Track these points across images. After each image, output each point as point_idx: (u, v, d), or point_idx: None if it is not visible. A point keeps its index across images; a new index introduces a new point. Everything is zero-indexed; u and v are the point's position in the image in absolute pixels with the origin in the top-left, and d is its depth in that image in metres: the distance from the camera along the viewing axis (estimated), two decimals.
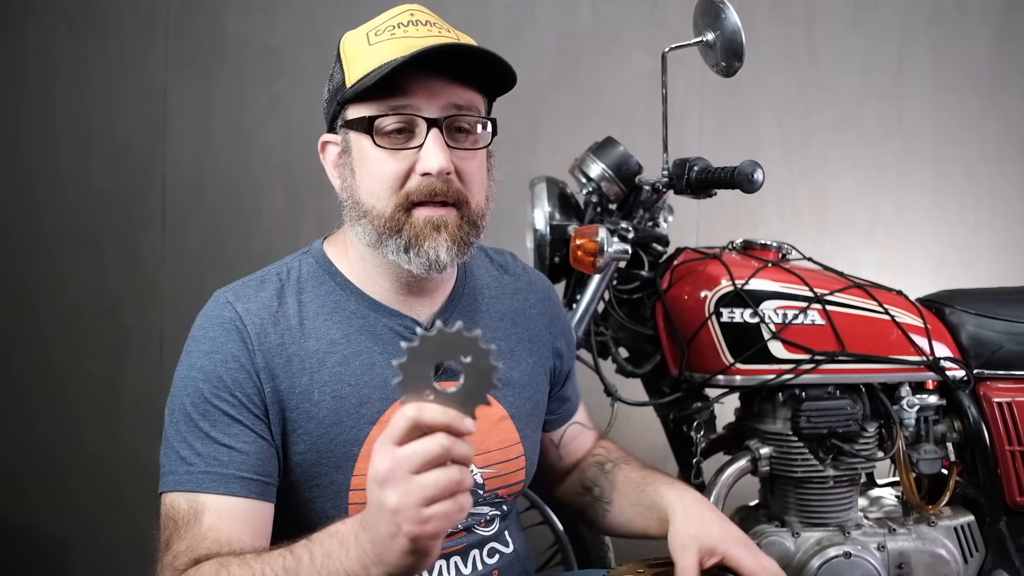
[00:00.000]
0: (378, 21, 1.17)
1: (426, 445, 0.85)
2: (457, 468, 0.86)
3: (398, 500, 0.85)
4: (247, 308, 1.17)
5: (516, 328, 1.33)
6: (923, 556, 1.77)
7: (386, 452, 0.87)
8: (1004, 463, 1.80)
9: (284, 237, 2.73)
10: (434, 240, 1.13)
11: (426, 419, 0.85)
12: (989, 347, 1.82)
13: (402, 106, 1.11)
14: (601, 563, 1.91)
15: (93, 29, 2.69)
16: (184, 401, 1.13)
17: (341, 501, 1.16)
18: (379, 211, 1.13)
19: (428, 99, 1.11)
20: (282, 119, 2.73)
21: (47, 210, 2.68)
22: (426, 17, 1.17)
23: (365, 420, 1.17)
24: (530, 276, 1.41)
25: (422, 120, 1.11)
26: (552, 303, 1.41)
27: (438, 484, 0.85)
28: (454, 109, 1.13)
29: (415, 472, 0.85)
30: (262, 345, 1.15)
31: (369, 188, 1.14)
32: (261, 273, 1.24)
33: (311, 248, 1.27)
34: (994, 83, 2.97)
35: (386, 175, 1.13)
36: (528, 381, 1.31)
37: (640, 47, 2.79)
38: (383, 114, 1.12)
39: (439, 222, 1.13)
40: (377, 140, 1.12)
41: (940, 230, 2.98)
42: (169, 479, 1.12)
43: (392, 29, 1.14)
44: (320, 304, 1.20)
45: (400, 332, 1.21)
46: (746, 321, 1.74)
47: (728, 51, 1.64)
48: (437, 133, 1.11)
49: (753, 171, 1.61)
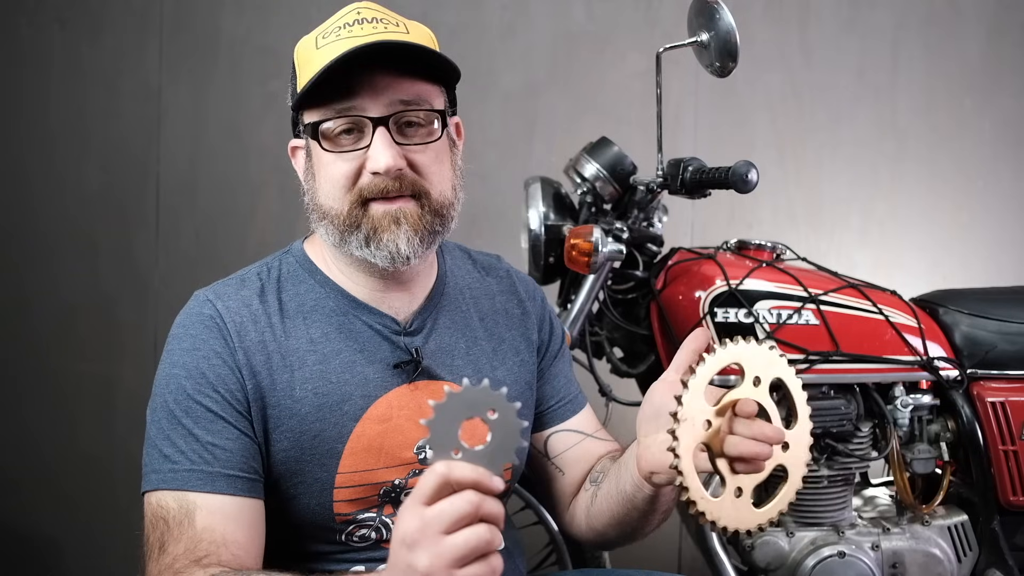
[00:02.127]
0: (327, 24, 1.17)
1: (455, 504, 0.82)
2: (487, 527, 0.83)
3: (429, 562, 0.82)
4: (227, 306, 1.17)
5: (499, 328, 1.32)
6: (917, 555, 1.78)
7: (414, 512, 0.84)
8: (997, 463, 1.80)
9: (278, 237, 2.72)
10: (393, 233, 1.13)
11: (456, 477, 0.82)
12: (983, 347, 1.82)
13: (347, 108, 1.12)
14: (595, 563, 1.91)
15: (86, 29, 2.69)
16: (167, 399, 1.13)
17: (327, 499, 1.16)
18: (337, 210, 1.14)
19: (373, 98, 1.12)
20: (276, 119, 2.72)
21: (41, 210, 2.68)
22: (373, 14, 1.16)
23: (348, 417, 1.17)
24: (515, 278, 1.39)
25: (367, 120, 1.12)
26: (538, 304, 1.39)
27: (468, 544, 0.82)
28: (400, 105, 1.13)
29: (445, 532, 0.82)
30: (243, 342, 1.15)
31: (325, 190, 1.16)
32: (241, 273, 1.24)
33: (291, 248, 1.28)
34: (988, 83, 2.98)
35: (338, 176, 1.14)
36: (513, 380, 1.30)
37: (635, 47, 2.79)
38: (327, 118, 1.13)
39: (397, 214, 1.14)
40: (324, 144, 1.13)
41: (934, 230, 2.98)
42: (153, 478, 1.11)
43: (338, 30, 1.14)
44: (300, 302, 1.21)
45: (379, 331, 1.21)
46: (740, 321, 1.74)
47: (722, 51, 1.64)
48: (383, 131, 1.11)
49: (747, 171, 1.61)
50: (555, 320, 1.41)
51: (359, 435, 1.16)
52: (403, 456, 1.19)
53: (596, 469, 1.30)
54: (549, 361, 1.38)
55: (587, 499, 1.29)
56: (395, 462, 1.19)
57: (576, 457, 1.35)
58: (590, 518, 1.28)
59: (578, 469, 1.34)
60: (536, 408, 1.36)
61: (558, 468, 1.35)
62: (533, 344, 1.35)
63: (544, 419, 1.37)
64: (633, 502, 1.17)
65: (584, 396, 1.41)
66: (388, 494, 1.19)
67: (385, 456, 1.18)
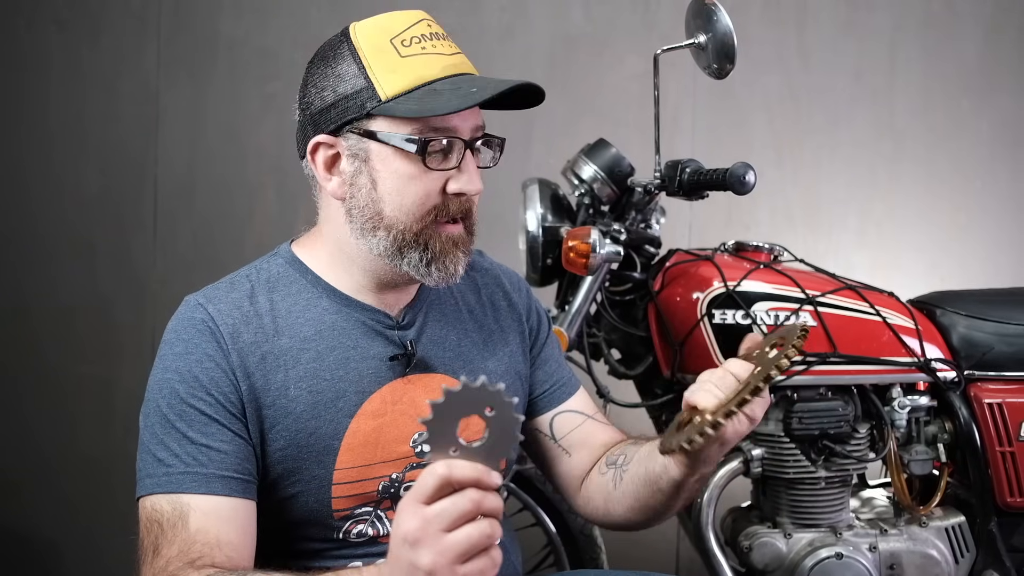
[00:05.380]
0: (396, 25, 1.15)
1: (456, 502, 0.84)
2: (488, 522, 0.85)
3: (432, 560, 0.84)
4: (219, 309, 1.17)
5: (487, 320, 1.33)
6: (914, 557, 1.78)
7: (414, 512, 0.86)
8: (995, 464, 1.81)
9: (276, 240, 2.66)
10: (455, 256, 1.17)
11: (456, 476, 0.84)
12: (980, 348, 1.83)
13: (444, 128, 1.13)
14: (593, 564, 1.91)
15: (85, 31, 2.69)
16: (160, 403, 1.13)
17: (325, 495, 1.17)
18: (406, 225, 1.15)
19: (462, 120, 1.14)
20: (275, 121, 2.72)
21: (39, 212, 2.68)
22: (437, 29, 1.17)
23: (343, 414, 1.17)
24: (499, 271, 1.41)
25: (461, 142, 1.14)
26: (523, 295, 1.40)
27: (470, 540, 0.84)
28: (480, 131, 1.17)
29: (447, 530, 0.84)
30: (236, 344, 1.15)
31: (397, 202, 1.14)
32: (230, 277, 1.25)
33: (279, 251, 1.29)
34: (985, 84, 2.98)
35: (420, 192, 1.14)
36: (504, 370, 1.31)
37: (632, 49, 2.79)
38: (433, 137, 1.12)
39: (457, 238, 1.17)
40: (428, 162, 1.13)
41: (932, 231, 2.99)
42: (147, 482, 1.11)
43: (419, 41, 1.14)
44: (292, 302, 1.21)
45: (372, 326, 1.21)
46: (738, 323, 1.74)
47: (720, 53, 1.64)
48: (471, 156, 1.15)
49: (745, 173, 1.61)
50: (540, 308, 1.43)
51: (355, 431, 1.17)
52: (400, 450, 1.20)
53: (615, 452, 1.32)
54: (539, 348, 1.40)
55: (606, 483, 1.30)
56: (392, 456, 1.20)
57: (581, 438, 1.36)
58: (610, 502, 1.30)
59: (584, 450, 1.36)
60: (532, 394, 1.38)
61: (564, 450, 1.37)
62: (523, 334, 1.37)
63: (542, 402, 1.39)
64: (659, 485, 1.19)
65: (577, 379, 1.44)
66: (387, 489, 1.20)
67: (382, 451, 1.19)
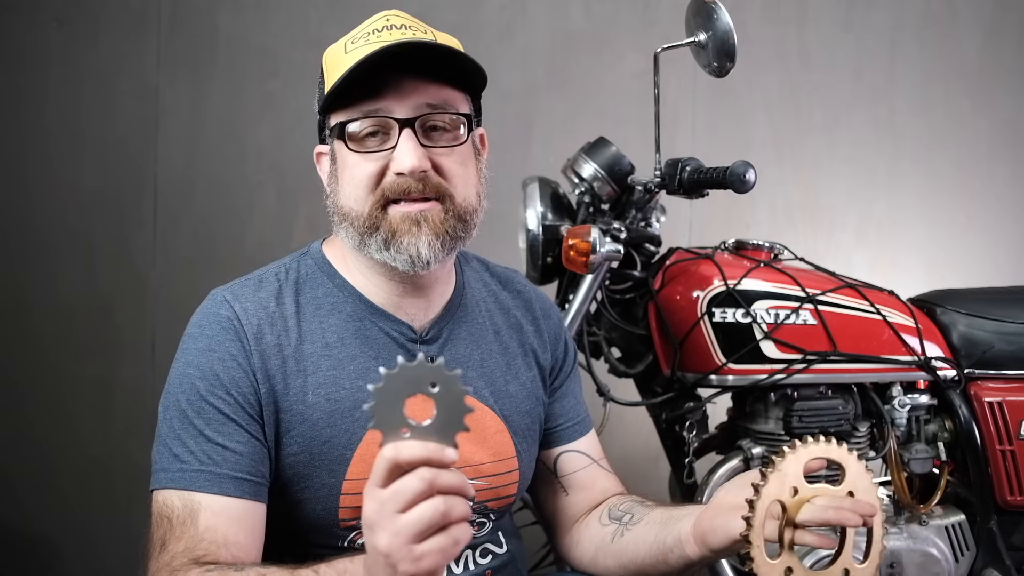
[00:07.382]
0: (356, 30, 1.18)
1: (406, 483, 0.84)
2: (442, 499, 0.84)
3: (388, 542, 0.84)
4: (244, 308, 1.17)
5: (512, 342, 1.32)
6: (914, 555, 1.78)
7: (371, 495, 0.86)
8: (995, 462, 1.81)
9: (276, 237, 2.72)
10: (414, 236, 1.13)
11: (404, 457, 0.84)
12: (980, 347, 1.83)
13: (374, 109, 1.12)
14: None
15: (84, 29, 2.68)
16: (179, 398, 1.13)
17: (332, 504, 1.16)
18: (357, 212, 1.15)
19: (399, 100, 1.12)
20: (274, 119, 2.72)
21: (39, 210, 2.67)
22: (402, 21, 1.17)
23: (359, 424, 1.16)
24: (531, 294, 1.40)
25: (393, 121, 1.12)
26: (554, 323, 1.39)
27: (423, 519, 0.83)
28: (427, 108, 1.14)
29: (401, 511, 0.83)
30: (259, 345, 1.15)
31: (347, 191, 1.16)
32: (259, 273, 1.24)
33: (310, 249, 1.28)
34: (985, 83, 2.98)
35: (361, 176, 1.14)
36: (526, 395, 1.30)
37: (632, 47, 2.79)
38: (353, 119, 1.13)
39: (418, 217, 1.14)
40: (351, 145, 1.13)
41: (931, 230, 2.99)
42: (161, 476, 1.12)
43: (367, 36, 1.15)
44: (317, 306, 1.21)
45: (395, 338, 1.21)
46: (738, 321, 1.74)
47: (720, 51, 1.64)
48: (409, 133, 1.12)
49: (745, 171, 1.61)
50: (570, 340, 1.42)
51: (369, 442, 1.16)
52: None
53: (620, 507, 1.31)
54: (562, 380, 1.39)
55: (604, 535, 1.30)
56: None
57: (582, 481, 1.36)
58: (602, 554, 1.29)
59: (583, 493, 1.36)
60: (545, 425, 1.37)
61: (563, 487, 1.37)
62: (544, 361, 1.36)
63: (553, 438, 1.38)
64: (667, 557, 1.19)
65: (590, 420, 1.43)
66: None
67: None
